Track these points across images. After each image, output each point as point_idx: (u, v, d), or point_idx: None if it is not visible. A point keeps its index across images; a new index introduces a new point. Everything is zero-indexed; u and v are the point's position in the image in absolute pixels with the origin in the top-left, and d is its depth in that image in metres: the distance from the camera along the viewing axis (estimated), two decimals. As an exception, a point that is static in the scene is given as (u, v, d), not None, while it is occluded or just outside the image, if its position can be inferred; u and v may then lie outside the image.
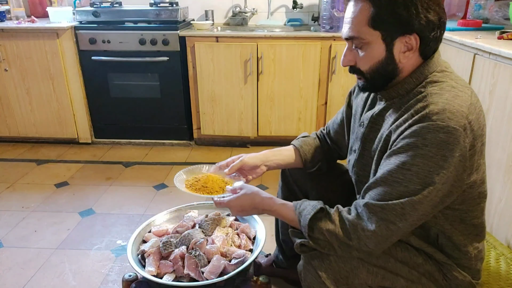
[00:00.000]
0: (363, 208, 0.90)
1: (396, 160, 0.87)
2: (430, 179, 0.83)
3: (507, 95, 1.46)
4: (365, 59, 0.93)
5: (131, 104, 2.94)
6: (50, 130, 2.98)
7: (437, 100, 0.85)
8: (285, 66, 2.72)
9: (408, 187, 0.85)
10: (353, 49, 0.95)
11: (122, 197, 2.32)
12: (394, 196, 0.86)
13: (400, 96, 0.95)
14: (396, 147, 0.87)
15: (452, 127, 0.82)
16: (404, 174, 0.85)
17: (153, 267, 1.15)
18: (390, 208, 0.86)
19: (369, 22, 0.89)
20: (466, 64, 1.75)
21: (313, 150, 1.30)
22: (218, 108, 2.87)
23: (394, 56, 0.91)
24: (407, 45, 0.89)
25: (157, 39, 2.72)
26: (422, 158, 0.83)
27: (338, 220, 0.92)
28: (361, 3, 0.89)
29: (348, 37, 0.94)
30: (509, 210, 1.46)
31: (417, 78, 0.92)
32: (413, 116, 0.86)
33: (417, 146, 0.83)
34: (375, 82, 0.96)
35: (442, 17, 0.89)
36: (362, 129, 1.05)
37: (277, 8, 3.18)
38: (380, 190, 0.89)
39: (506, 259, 1.20)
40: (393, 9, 0.86)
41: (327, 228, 0.91)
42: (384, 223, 0.87)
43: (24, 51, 2.76)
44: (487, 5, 2.26)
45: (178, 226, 1.31)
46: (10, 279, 1.68)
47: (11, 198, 2.31)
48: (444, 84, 0.89)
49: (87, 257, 1.81)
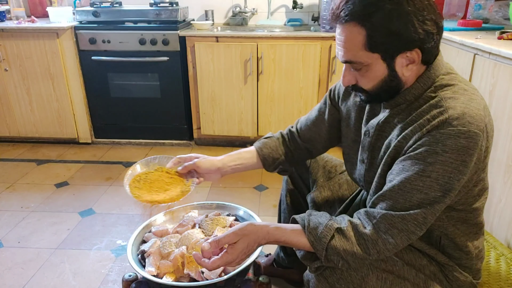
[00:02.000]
0: (381, 220, 0.86)
1: (414, 167, 0.84)
2: (451, 185, 0.82)
3: (507, 95, 1.46)
4: (367, 79, 0.90)
5: (131, 104, 2.94)
6: (50, 130, 2.98)
7: (454, 105, 0.83)
8: (285, 66, 2.72)
9: (428, 194, 0.83)
10: (352, 69, 0.91)
11: (122, 197, 2.32)
12: (414, 204, 0.84)
13: (407, 102, 0.92)
14: (414, 153, 0.84)
15: (473, 132, 0.80)
16: (424, 181, 0.83)
17: (153, 267, 1.15)
18: (412, 218, 0.84)
19: (365, 46, 0.85)
20: (466, 64, 1.75)
21: (274, 153, 1.24)
22: (218, 108, 2.87)
23: (397, 72, 0.88)
24: (409, 58, 0.87)
25: (157, 39, 2.72)
26: (442, 164, 0.81)
27: (354, 236, 0.88)
28: (353, 27, 0.84)
29: (344, 62, 0.90)
30: (509, 210, 1.46)
31: (424, 83, 0.89)
32: (431, 122, 0.84)
33: (437, 152, 0.81)
34: (379, 97, 0.93)
35: (439, 22, 0.86)
36: (368, 139, 1.01)
37: (277, 8, 3.18)
38: (398, 198, 0.85)
39: (506, 259, 1.20)
40: (388, 29, 0.82)
41: (344, 248, 0.87)
42: (405, 234, 0.85)
43: (24, 51, 2.76)
44: (487, 5, 2.26)
45: (178, 226, 1.31)
46: (10, 279, 1.68)
47: (11, 198, 2.31)
48: (456, 88, 0.87)
49: (87, 257, 1.81)
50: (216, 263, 0.92)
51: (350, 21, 0.84)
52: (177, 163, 1.24)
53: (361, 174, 1.07)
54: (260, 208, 2.20)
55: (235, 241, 0.93)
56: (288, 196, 1.45)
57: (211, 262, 0.93)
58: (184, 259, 1.15)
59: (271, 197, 2.31)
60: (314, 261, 0.93)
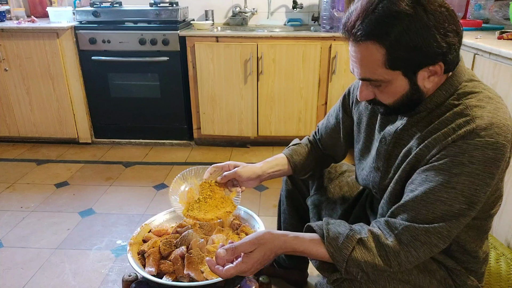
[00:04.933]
0: (403, 231, 0.83)
1: (439, 177, 0.81)
2: (476, 197, 0.80)
3: (507, 95, 1.46)
4: (386, 95, 0.87)
5: (131, 104, 2.94)
6: (50, 130, 2.98)
7: (481, 114, 0.80)
8: (285, 66, 2.72)
9: (453, 206, 0.80)
10: (370, 85, 0.87)
11: (122, 197, 2.32)
12: (438, 216, 0.81)
13: (428, 110, 0.88)
14: (438, 163, 0.82)
15: (501, 143, 0.78)
16: (449, 192, 0.80)
17: (153, 267, 1.15)
18: (436, 232, 0.81)
19: (385, 64, 0.80)
20: (466, 64, 1.74)
21: (304, 160, 1.24)
22: (218, 108, 2.87)
23: (419, 85, 0.84)
24: (431, 71, 0.82)
25: (157, 39, 2.72)
26: (468, 176, 0.78)
27: (375, 247, 0.85)
28: (370, 45, 0.79)
29: (362, 79, 0.87)
30: (509, 210, 1.45)
31: (447, 91, 0.86)
32: (456, 131, 0.80)
33: (463, 163, 0.78)
34: (399, 110, 0.90)
35: (460, 31, 0.82)
36: (385, 146, 0.97)
37: (277, 8, 3.18)
38: (421, 210, 0.83)
39: (507, 259, 1.20)
40: (408, 45, 0.77)
41: (365, 260, 0.84)
42: (428, 247, 0.83)
43: (24, 51, 2.76)
44: (487, 5, 2.26)
45: (178, 226, 1.31)
46: (10, 279, 1.68)
47: (11, 198, 2.31)
48: (481, 95, 0.83)
49: (87, 257, 1.81)
50: (230, 271, 0.89)
51: (367, 40, 0.80)
52: (214, 172, 1.24)
53: (375, 182, 1.04)
54: (260, 208, 2.20)
55: (251, 250, 0.90)
56: (288, 197, 1.44)
57: (225, 270, 0.89)
58: (184, 259, 1.15)
59: (271, 197, 2.31)
60: (333, 273, 0.90)
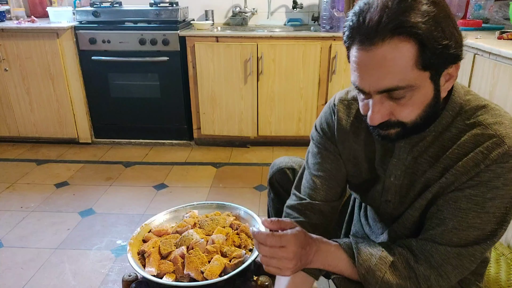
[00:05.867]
0: (434, 254, 0.80)
1: (472, 204, 0.77)
2: (508, 217, 0.78)
3: (507, 95, 1.46)
4: (411, 108, 0.73)
5: (131, 104, 2.94)
6: (50, 130, 2.98)
7: (506, 132, 0.75)
8: (285, 66, 2.72)
9: (485, 229, 0.78)
10: (388, 100, 0.73)
11: (122, 197, 2.32)
12: (471, 241, 0.78)
13: (435, 134, 0.81)
14: (470, 190, 0.77)
15: None
16: (482, 218, 0.77)
17: (153, 267, 1.15)
18: (468, 254, 0.79)
19: (418, 63, 0.68)
20: (466, 64, 1.75)
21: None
22: (218, 108, 2.87)
23: (440, 92, 0.75)
24: (450, 74, 0.74)
25: (157, 39, 2.72)
26: (502, 198, 0.76)
27: (406, 270, 0.81)
28: (399, 43, 0.67)
29: (385, 90, 0.71)
30: (509, 210, 1.45)
31: (452, 110, 0.79)
32: (487, 155, 0.74)
33: (498, 187, 0.75)
34: (418, 128, 0.77)
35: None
36: (396, 182, 0.89)
37: (277, 8, 3.18)
38: (453, 237, 0.79)
39: (506, 259, 1.20)
40: (438, 37, 0.67)
41: (397, 283, 0.81)
42: (459, 270, 0.80)
43: (24, 51, 2.76)
44: (487, 5, 2.26)
45: (178, 226, 1.31)
46: (10, 279, 1.68)
47: (11, 198, 2.31)
48: (490, 110, 0.79)
49: (87, 257, 1.81)
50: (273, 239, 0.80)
51: (393, 37, 0.67)
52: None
53: (386, 212, 0.96)
54: (260, 208, 2.20)
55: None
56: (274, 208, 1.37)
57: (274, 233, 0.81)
58: (184, 259, 1.15)
59: (271, 197, 2.31)
60: None
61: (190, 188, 2.42)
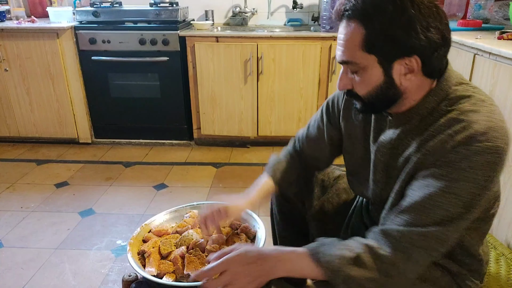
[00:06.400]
0: (400, 238, 0.81)
1: (437, 183, 0.79)
2: (475, 201, 0.79)
3: (507, 95, 1.46)
4: (362, 84, 0.86)
5: (131, 104, 2.94)
6: (50, 130, 2.98)
7: (477, 118, 0.78)
8: (285, 66, 2.72)
9: (450, 211, 0.79)
10: (348, 72, 0.88)
11: (122, 197, 2.32)
12: (436, 222, 0.79)
13: (420, 117, 0.87)
14: (437, 169, 0.80)
15: (500, 147, 0.77)
16: (447, 197, 0.78)
17: (153, 267, 1.15)
18: (433, 236, 0.80)
19: (363, 45, 0.81)
20: (466, 64, 1.75)
21: (287, 175, 1.20)
22: (218, 108, 2.87)
23: (394, 79, 0.83)
24: (408, 67, 0.82)
25: (157, 39, 2.72)
26: (467, 181, 0.77)
27: (373, 262, 0.81)
28: (353, 24, 0.81)
29: (342, 62, 0.87)
30: (509, 210, 1.45)
31: (437, 96, 0.85)
32: (454, 137, 0.79)
33: (463, 169, 0.77)
34: (375, 106, 0.89)
35: (446, 34, 0.82)
36: (382, 158, 0.95)
37: (277, 8, 3.18)
38: (418, 215, 0.81)
39: (506, 259, 1.20)
40: (388, 31, 0.78)
41: (365, 277, 0.81)
42: (426, 252, 0.80)
43: (24, 51, 2.76)
44: (487, 5, 2.26)
45: (178, 226, 1.31)
46: (10, 279, 1.68)
47: (11, 198, 2.31)
48: (473, 99, 0.82)
49: (87, 257, 1.81)
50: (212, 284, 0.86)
51: (351, 18, 0.81)
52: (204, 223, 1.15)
53: (376, 194, 1.02)
54: (260, 208, 2.20)
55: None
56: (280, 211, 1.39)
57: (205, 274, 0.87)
58: (184, 259, 1.15)
59: (271, 197, 2.31)
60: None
61: (190, 188, 2.42)
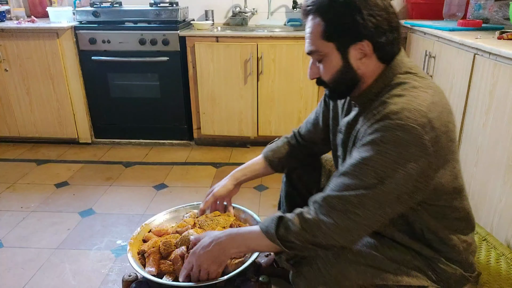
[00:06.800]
0: (322, 203, 0.93)
1: (357, 155, 0.91)
2: (386, 173, 0.87)
3: (507, 95, 1.46)
4: (325, 70, 0.98)
5: (131, 104, 2.94)
6: (50, 130, 2.98)
7: (396, 101, 0.89)
8: (285, 66, 2.72)
9: (364, 180, 0.88)
10: (316, 62, 1.00)
11: (122, 197, 2.32)
12: (351, 188, 0.90)
13: (370, 101, 0.98)
14: (360, 144, 0.92)
15: (410, 125, 0.85)
16: (362, 168, 0.89)
17: (153, 267, 1.15)
18: (347, 199, 0.90)
19: (322, 35, 0.94)
20: (466, 64, 1.75)
21: (278, 153, 1.35)
22: (218, 108, 2.87)
23: (351, 63, 0.95)
24: (362, 52, 0.94)
25: (157, 39, 2.72)
26: (379, 154, 0.87)
27: (299, 222, 0.94)
28: (315, 18, 0.95)
29: (309, 52, 0.99)
30: (509, 210, 1.46)
31: (383, 82, 0.96)
32: (375, 116, 0.91)
33: (376, 143, 0.87)
34: (339, 90, 1.01)
35: (392, 21, 0.93)
36: (341, 135, 1.09)
37: (277, 8, 3.19)
38: (339, 182, 0.93)
39: (506, 259, 1.20)
40: (340, 19, 0.92)
41: (293, 232, 0.94)
42: (343, 213, 0.90)
43: (24, 51, 2.76)
44: (487, 5, 2.26)
45: (178, 226, 1.31)
46: (10, 279, 1.68)
47: (11, 198, 2.31)
48: (407, 85, 0.92)
49: (87, 257, 1.81)
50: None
51: (313, 13, 0.96)
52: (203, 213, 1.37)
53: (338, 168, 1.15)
54: (260, 208, 2.20)
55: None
56: (287, 198, 1.45)
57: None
58: (184, 259, 1.15)
59: (271, 197, 2.31)
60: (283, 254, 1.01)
61: (190, 188, 2.42)
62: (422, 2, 2.77)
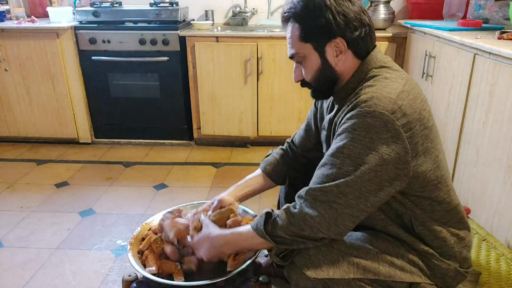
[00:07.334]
0: (306, 196, 0.96)
1: (333, 146, 0.95)
2: (361, 159, 0.90)
3: (507, 95, 1.46)
4: (307, 71, 1.04)
5: (131, 104, 2.94)
6: (50, 130, 2.98)
7: (367, 91, 0.94)
8: (285, 66, 2.72)
9: (341, 168, 0.92)
10: (298, 65, 1.06)
11: (122, 197, 2.32)
12: (331, 178, 0.93)
13: (347, 95, 1.02)
14: (335, 135, 0.97)
15: (378, 111, 0.88)
16: (338, 157, 0.93)
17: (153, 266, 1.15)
18: (328, 190, 0.92)
19: (300, 37, 1.00)
20: (466, 64, 1.75)
21: (276, 167, 1.37)
22: (218, 108, 2.87)
23: (329, 61, 1.01)
24: (337, 48, 0.99)
25: (157, 39, 2.72)
26: (352, 141, 0.91)
27: (286, 217, 0.97)
28: (293, 23, 1.02)
29: (290, 56, 1.05)
30: (509, 210, 1.46)
31: (358, 77, 1.01)
32: (348, 107, 0.95)
33: (348, 131, 0.91)
34: (321, 89, 1.06)
35: (362, 17, 0.98)
36: (325, 132, 1.13)
37: (277, 8, 3.19)
38: (319, 173, 0.96)
39: (506, 259, 1.20)
40: (313, 21, 0.98)
41: (281, 227, 0.97)
42: (326, 204, 0.92)
43: (24, 51, 2.76)
44: (487, 5, 2.26)
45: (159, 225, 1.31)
46: (10, 279, 1.68)
47: (11, 198, 2.31)
48: (379, 77, 0.97)
49: (87, 257, 1.81)
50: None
51: (290, 19, 1.02)
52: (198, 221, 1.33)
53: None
54: (260, 208, 2.20)
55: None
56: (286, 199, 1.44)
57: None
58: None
59: (271, 197, 2.30)
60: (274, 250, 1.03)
61: (190, 188, 2.42)
62: (422, 2, 2.77)
